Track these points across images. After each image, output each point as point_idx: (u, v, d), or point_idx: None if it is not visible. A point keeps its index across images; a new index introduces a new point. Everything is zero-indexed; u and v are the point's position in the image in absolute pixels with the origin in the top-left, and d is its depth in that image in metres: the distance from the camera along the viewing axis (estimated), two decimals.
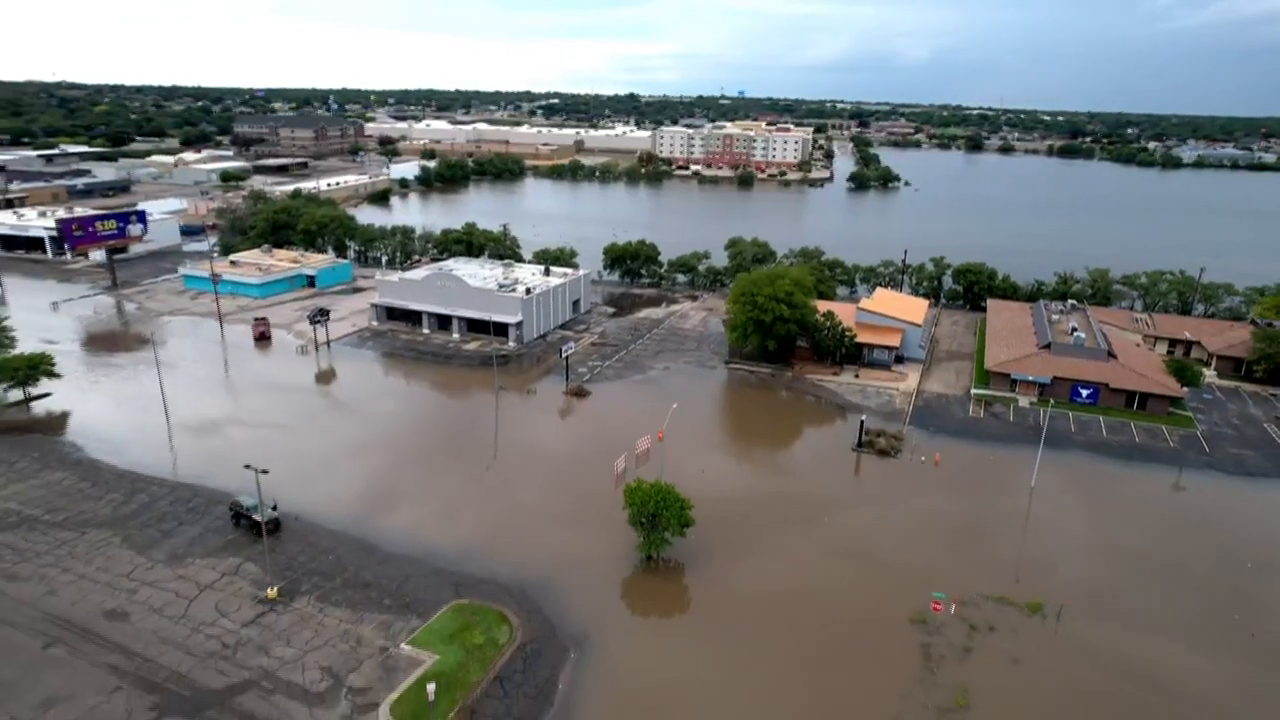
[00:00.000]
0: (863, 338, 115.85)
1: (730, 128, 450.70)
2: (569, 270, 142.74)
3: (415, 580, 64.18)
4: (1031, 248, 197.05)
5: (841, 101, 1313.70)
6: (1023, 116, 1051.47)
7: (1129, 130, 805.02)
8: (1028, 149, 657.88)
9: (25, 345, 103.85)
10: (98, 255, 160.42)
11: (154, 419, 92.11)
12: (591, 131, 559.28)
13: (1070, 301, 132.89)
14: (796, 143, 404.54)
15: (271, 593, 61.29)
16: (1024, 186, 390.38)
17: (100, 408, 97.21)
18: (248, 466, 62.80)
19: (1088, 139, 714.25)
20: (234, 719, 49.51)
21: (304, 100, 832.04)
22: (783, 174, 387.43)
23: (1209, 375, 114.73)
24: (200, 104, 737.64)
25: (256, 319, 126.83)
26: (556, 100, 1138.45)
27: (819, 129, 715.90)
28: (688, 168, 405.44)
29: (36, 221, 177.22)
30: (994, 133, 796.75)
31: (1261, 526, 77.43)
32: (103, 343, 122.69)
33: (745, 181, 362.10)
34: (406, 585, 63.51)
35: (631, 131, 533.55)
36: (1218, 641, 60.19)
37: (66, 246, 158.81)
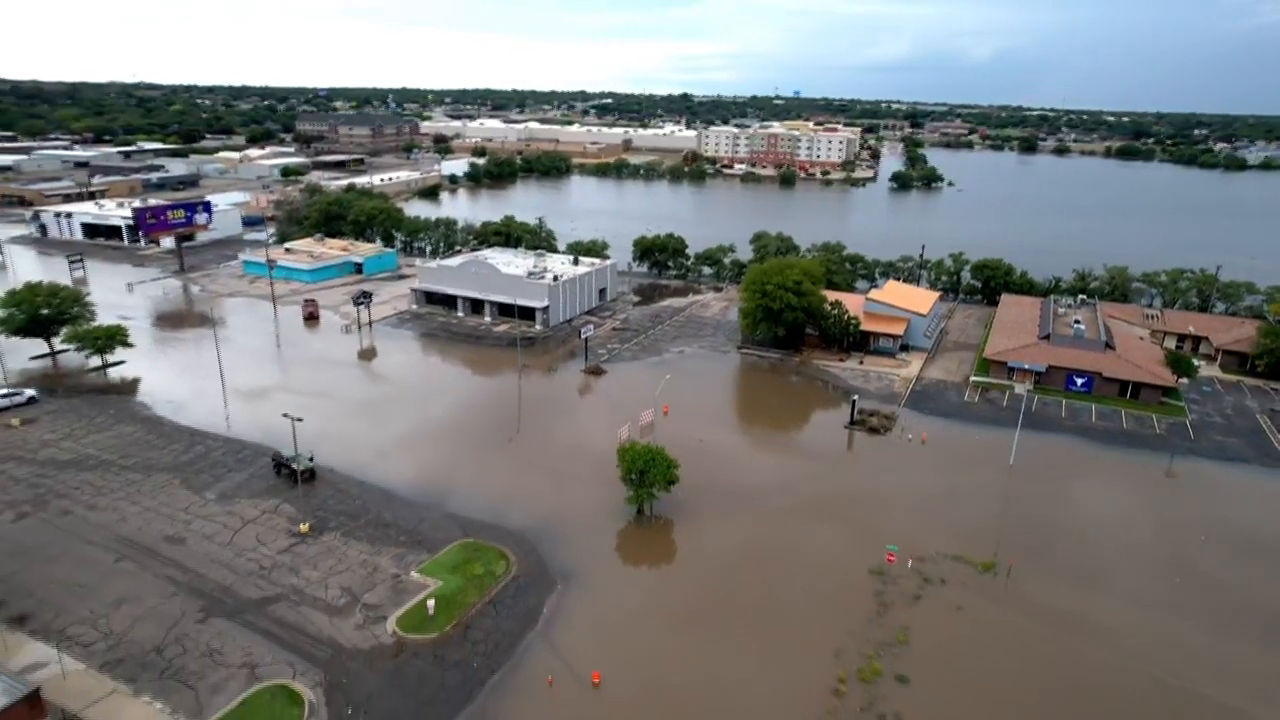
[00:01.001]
0: (869, 326, 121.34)
1: (776, 127, 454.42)
2: (596, 260, 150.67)
3: (429, 523, 72.64)
4: (1061, 247, 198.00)
5: (898, 102, 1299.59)
6: (1085, 117, 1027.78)
7: (1197, 131, 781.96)
8: (1084, 150, 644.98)
9: (103, 320, 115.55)
10: (168, 242, 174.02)
11: (212, 385, 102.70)
12: (640, 131, 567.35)
13: (1081, 297, 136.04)
14: (841, 143, 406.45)
15: (304, 527, 70.41)
16: (1069, 188, 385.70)
17: (166, 374, 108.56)
18: (285, 415, 72.12)
19: (1150, 140, 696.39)
20: (267, 623, 58.42)
21: (364, 99, 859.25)
22: (826, 174, 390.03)
23: (1204, 368, 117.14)
24: (266, 103, 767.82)
25: (306, 301, 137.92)
26: (610, 100, 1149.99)
27: (870, 129, 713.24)
28: (732, 167, 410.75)
29: (115, 212, 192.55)
30: (1052, 134, 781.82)
31: (1223, 505, 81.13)
32: (170, 320, 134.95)
33: (787, 180, 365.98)
34: (421, 526, 72.01)
35: (680, 131, 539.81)
36: (1150, 599, 64.98)
37: (140, 234, 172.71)
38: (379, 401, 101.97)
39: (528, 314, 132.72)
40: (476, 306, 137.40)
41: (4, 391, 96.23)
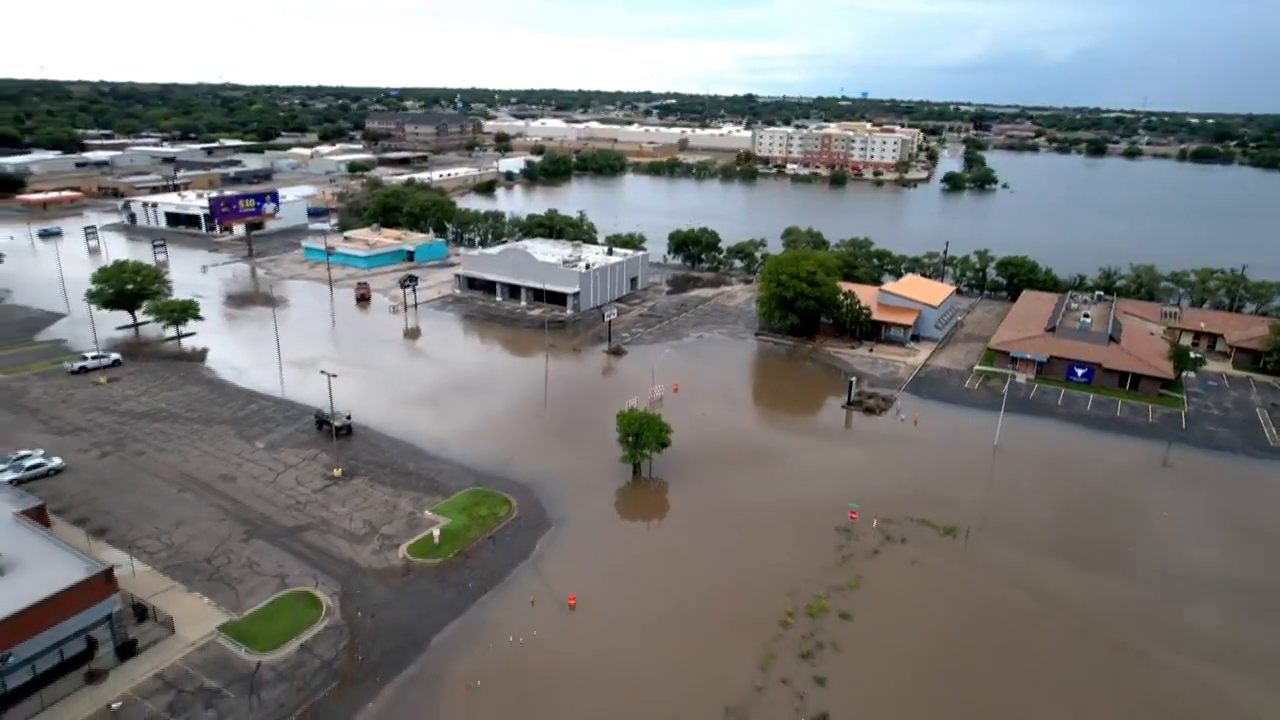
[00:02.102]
0: (882, 316, 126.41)
1: (831, 128, 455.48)
2: (628, 251, 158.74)
3: (447, 474, 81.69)
4: (1101, 247, 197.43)
5: (967, 104, 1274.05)
6: (1165, 119, 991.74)
7: None
8: (1157, 153, 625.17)
9: (179, 296, 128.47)
10: (239, 230, 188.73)
11: (269, 354, 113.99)
12: (698, 131, 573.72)
13: (1098, 293, 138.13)
14: (895, 144, 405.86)
15: (337, 472, 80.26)
16: (1127, 191, 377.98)
17: (230, 345, 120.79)
18: (322, 372, 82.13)
19: (1233, 143, 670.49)
20: (298, 545, 68.11)
21: (433, 99, 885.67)
22: (878, 174, 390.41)
23: (1215, 365, 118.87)
24: (340, 103, 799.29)
25: (359, 284, 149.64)
26: (673, 100, 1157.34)
27: (933, 131, 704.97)
28: (785, 166, 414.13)
29: (194, 202, 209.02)
30: (1127, 136, 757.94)
31: (1195, 487, 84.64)
32: (237, 299, 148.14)
33: (837, 180, 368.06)
34: (439, 476, 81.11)
35: (737, 131, 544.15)
36: (1101, 565, 69.68)
37: (215, 222, 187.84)
38: (416, 373, 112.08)
39: (560, 299, 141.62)
40: (514, 292, 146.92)
41: (94, 354, 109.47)
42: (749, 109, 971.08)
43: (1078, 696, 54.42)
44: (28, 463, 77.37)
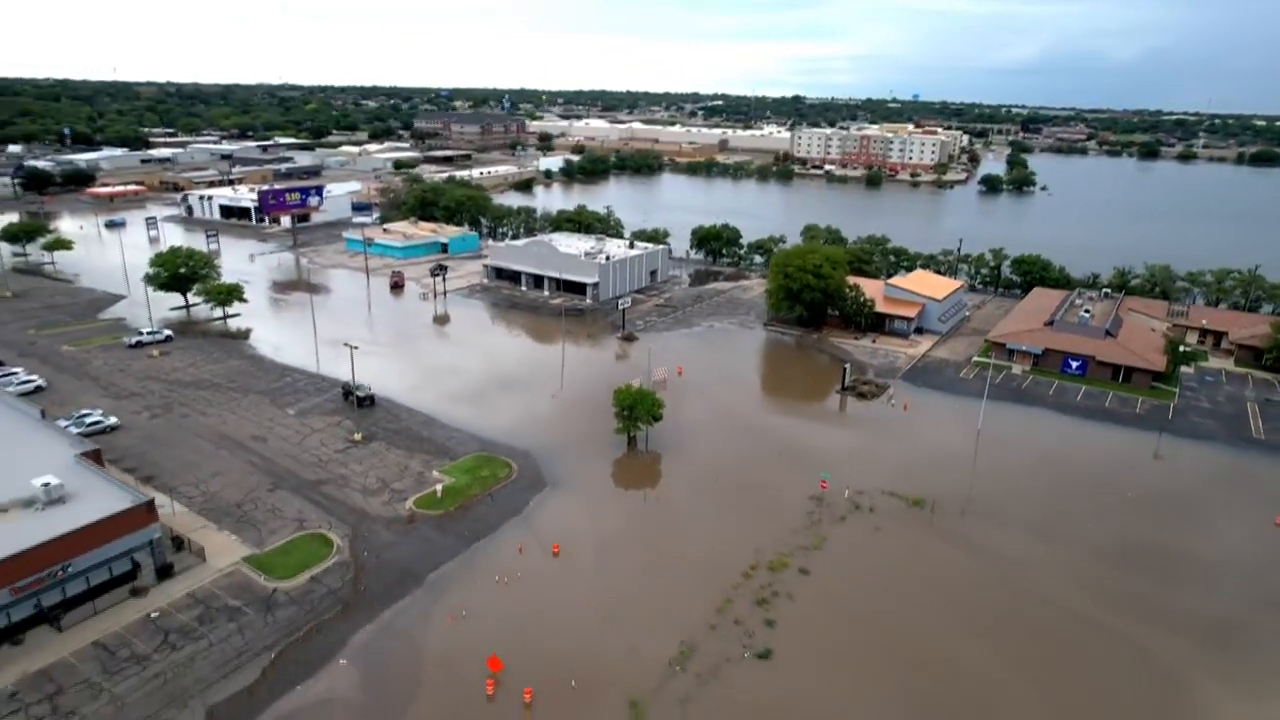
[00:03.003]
0: (887, 309, 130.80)
1: (871, 129, 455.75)
2: (649, 245, 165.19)
3: (457, 441, 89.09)
4: (1121, 247, 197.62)
5: (1020, 106, 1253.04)
6: (1229, 122, 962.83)
7: None
8: (1214, 156, 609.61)
9: (227, 281, 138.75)
10: (287, 222, 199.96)
11: (306, 335, 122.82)
12: (739, 132, 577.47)
13: (1105, 291, 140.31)
14: (935, 145, 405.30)
15: (357, 436, 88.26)
16: (1170, 194, 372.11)
17: (271, 325, 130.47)
18: (346, 344, 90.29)
19: None
20: (317, 496, 76.04)
21: (482, 99, 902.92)
22: (915, 175, 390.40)
23: (1216, 361, 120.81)
24: (392, 102, 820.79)
25: (393, 272, 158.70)
26: (720, 102, 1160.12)
27: (980, 134, 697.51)
28: (822, 167, 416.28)
29: (246, 196, 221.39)
30: (1185, 140, 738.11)
31: (1166, 472, 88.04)
32: (280, 285, 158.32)
33: (873, 181, 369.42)
34: (449, 443, 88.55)
35: (777, 132, 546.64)
36: (1058, 537, 73.95)
37: (263, 213, 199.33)
38: (440, 352, 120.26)
39: (580, 289, 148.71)
40: (538, 281, 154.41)
41: (149, 331, 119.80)
42: (795, 111, 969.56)
43: (1007, 646, 59.27)
44: (88, 420, 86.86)
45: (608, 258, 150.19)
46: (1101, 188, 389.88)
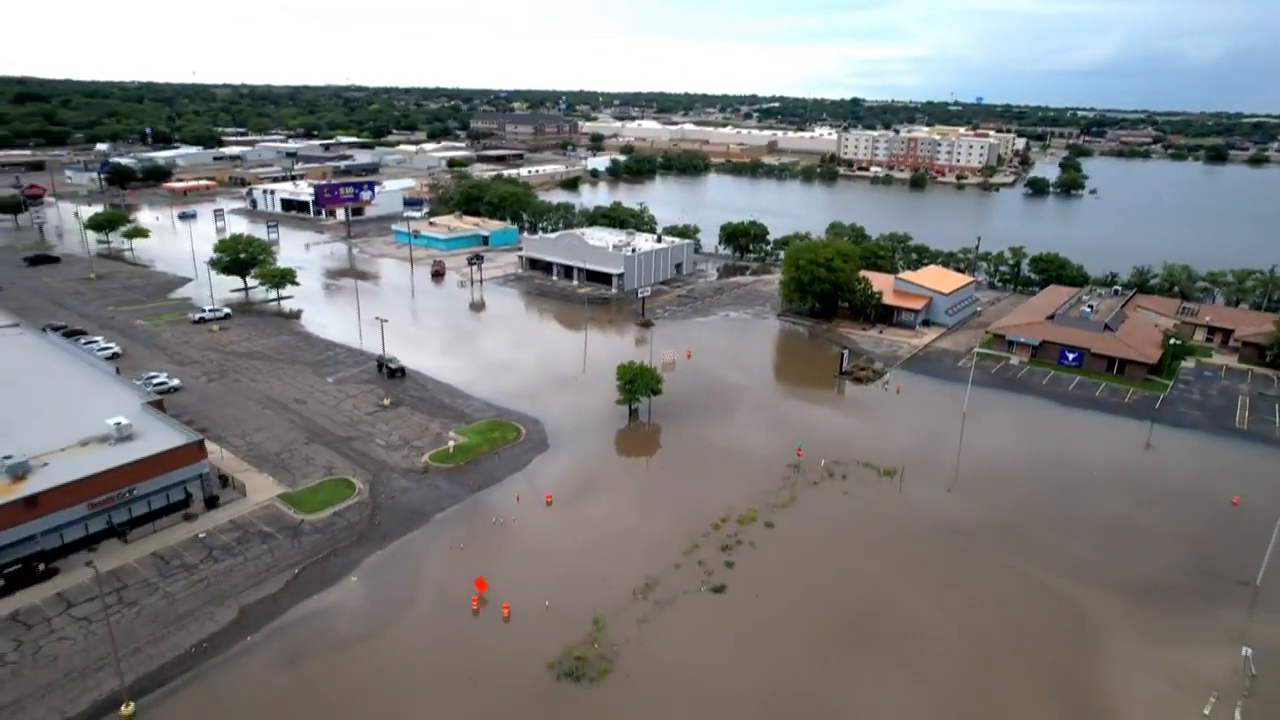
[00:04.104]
0: (896, 302, 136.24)
1: (920, 131, 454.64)
2: (675, 239, 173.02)
3: (474, 408, 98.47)
4: (1151, 248, 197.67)
5: (1088, 109, 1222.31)
6: None
7: None
8: None
9: (282, 266, 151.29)
10: (341, 215, 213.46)
11: (350, 316, 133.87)
12: (789, 134, 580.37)
13: (1116, 288, 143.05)
14: (983, 148, 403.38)
15: (386, 402, 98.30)
16: (1226, 198, 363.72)
17: (320, 307, 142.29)
18: (377, 318, 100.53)
19: None
20: (345, 449, 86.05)
21: (539, 101, 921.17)
22: (961, 178, 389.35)
23: (1219, 357, 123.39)
24: (452, 103, 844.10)
25: (435, 261, 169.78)
26: (777, 104, 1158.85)
27: (1039, 137, 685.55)
28: (869, 169, 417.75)
29: (305, 190, 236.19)
30: (1262, 143, 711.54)
31: (1136, 455, 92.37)
32: (332, 272, 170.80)
33: (917, 183, 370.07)
34: (468, 409, 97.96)
35: (827, 134, 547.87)
36: (1017, 508, 79.50)
37: (319, 206, 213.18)
38: (471, 333, 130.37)
39: (607, 279, 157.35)
40: (568, 272, 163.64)
41: (210, 309, 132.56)
42: (852, 113, 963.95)
43: (935, 590, 65.57)
44: (155, 381, 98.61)
45: (633, 250, 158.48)
46: (1154, 192, 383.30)
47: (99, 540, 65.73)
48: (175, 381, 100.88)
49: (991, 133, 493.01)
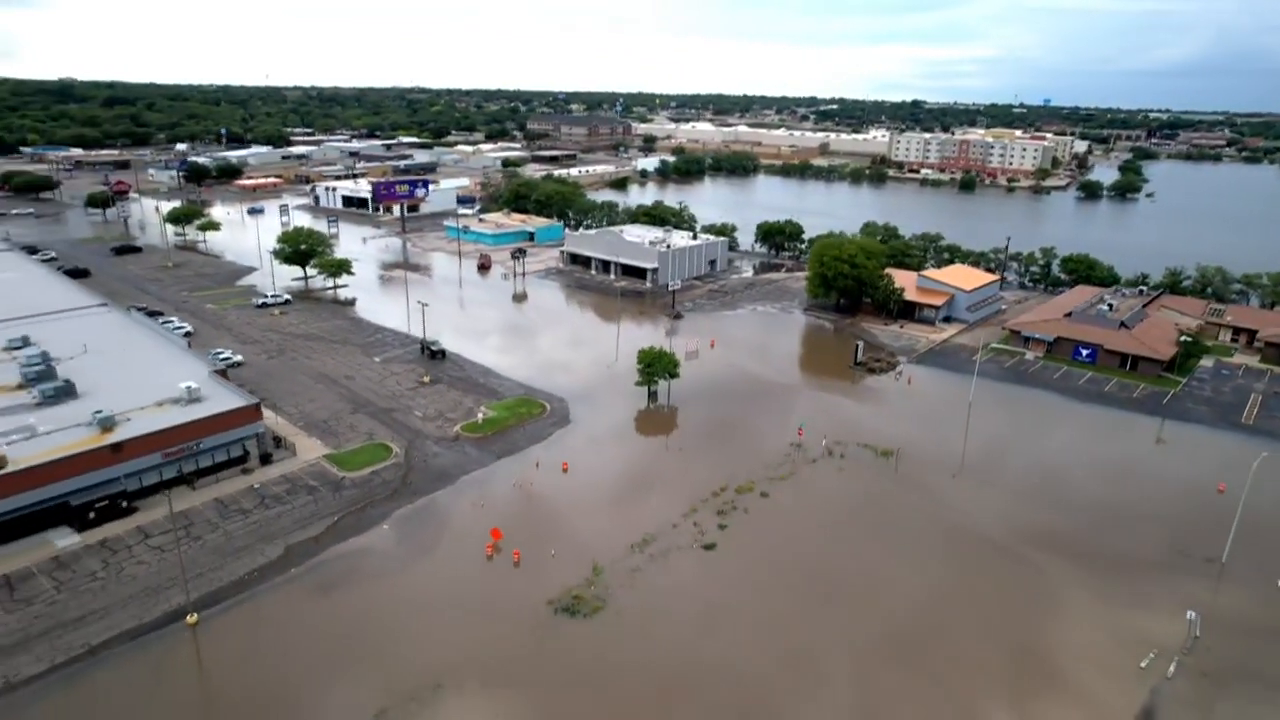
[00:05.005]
0: (919, 298, 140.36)
1: (973, 134, 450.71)
2: (710, 236, 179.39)
3: (506, 387, 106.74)
4: (1197, 250, 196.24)
5: (1162, 110, 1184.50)
6: None
7: None
8: None
9: (339, 257, 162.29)
10: (398, 211, 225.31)
11: (400, 303, 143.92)
12: (842, 135, 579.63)
13: (1141, 288, 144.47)
14: (1036, 151, 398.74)
15: (425, 380, 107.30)
16: None
17: (373, 295, 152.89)
18: (419, 302, 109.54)
19: None
20: (386, 419, 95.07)
21: (596, 103, 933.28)
22: (1012, 180, 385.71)
23: (1240, 356, 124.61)
24: (511, 105, 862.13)
25: (481, 254, 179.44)
26: (835, 106, 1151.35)
27: (1102, 140, 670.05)
28: (919, 171, 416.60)
29: (364, 187, 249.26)
30: None
31: (1135, 444, 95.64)
32: (386, 264, 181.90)
33: (966, 185, 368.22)
34: (499, 388, 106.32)
35: (879, 136, 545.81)
36: (1004, 487, 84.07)
37: (376, 202, 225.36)
38: (510, 321, 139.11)
39: (642, 274, 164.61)
40: (606, 266, 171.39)
41: (273, 295, 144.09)
42: (912, 115, 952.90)
43: (910, 553, 70.95)
44: (220, 356, 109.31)
45: (668, 246, 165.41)
46: (1215, 196, 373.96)
47: (171, 486, 75.47)
48: (239, 357, 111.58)
49: (1049, 135, 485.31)
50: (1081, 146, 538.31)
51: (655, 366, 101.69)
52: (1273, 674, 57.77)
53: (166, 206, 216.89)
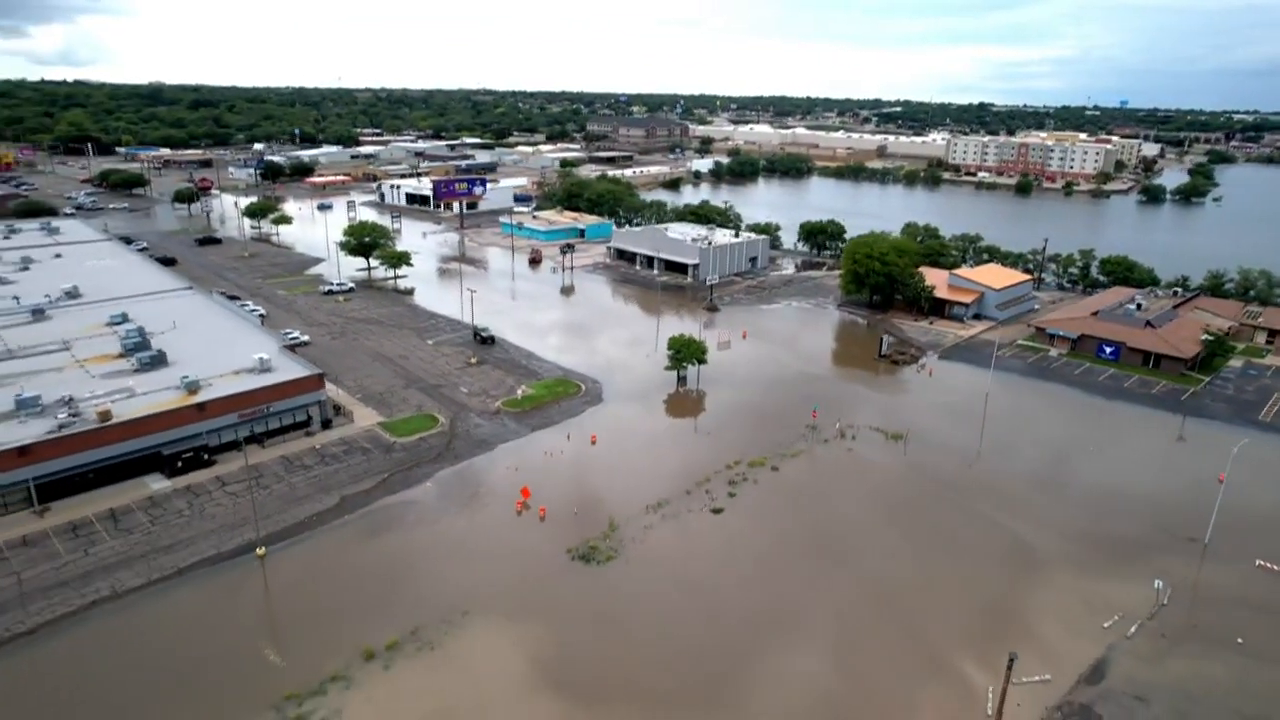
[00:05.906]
0: (950, 296, 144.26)
1: (1033, 137, 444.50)
2: (752, 234, 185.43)
3: (546, 369, 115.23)
4: (1255, 256, 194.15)
5: (1249, 111, 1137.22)
6: None
7: None
8: None
9: (400, 249, 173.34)
10: (457, 208, 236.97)
11: (455, 292, 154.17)
12: (899, 138, 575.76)
13: (1176, 290, 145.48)
14: (1098, 154, 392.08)
15: (473, 360, 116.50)
16: None
17: (430, 285, 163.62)
18: (468, 289, 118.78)
19: None
20: (435, 394, 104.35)
21: (657, 105, 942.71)
22: (1070, 184, 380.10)
23: (1271, 358, 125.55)
24: (574, 107, 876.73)
25: (532, 249, 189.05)
26: (899, 108, 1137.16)
27: (1177, 143, 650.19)
28: (976, 174, 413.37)
29: (426, 186, 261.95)
30: None
31: (1145, 436, 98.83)
32: (444, 257, 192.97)
33: (1023, 189, 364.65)
34: (540, 370, 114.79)
35: (937, 139, 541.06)
36: (1007, 470, 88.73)
37: (437, 200, 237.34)
38: (557, 311, 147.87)
39: (683, 269, 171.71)
40: (650, 262, 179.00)
41: (337, 283, 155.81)
42: (978, 118, 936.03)
43: (904, 523, 76.54)
44: (289, 335, 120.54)
45: (709, 243, 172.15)
46: None
47: (245, 443, 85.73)
48: (305, 337, 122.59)
49: (1114, 138, 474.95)
50: (1152, 149, 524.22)
51: (684, 353, 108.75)
52: (1225, 633, 62.01)
53: (244, 202, 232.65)
